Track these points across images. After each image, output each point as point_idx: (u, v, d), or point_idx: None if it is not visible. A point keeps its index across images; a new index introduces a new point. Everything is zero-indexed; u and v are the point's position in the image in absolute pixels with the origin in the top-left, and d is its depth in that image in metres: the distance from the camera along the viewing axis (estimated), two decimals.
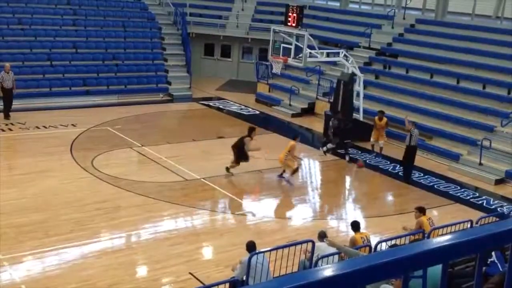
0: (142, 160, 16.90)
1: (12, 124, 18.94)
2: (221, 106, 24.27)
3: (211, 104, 24.50)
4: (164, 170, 16.01)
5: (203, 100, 24.89)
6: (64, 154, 16.59)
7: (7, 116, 19.51)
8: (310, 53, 19.76)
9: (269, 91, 25.91)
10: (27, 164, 15.56)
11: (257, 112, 23.80)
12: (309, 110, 23.70)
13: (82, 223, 12.31)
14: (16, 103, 20.56)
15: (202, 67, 29.65)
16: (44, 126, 19.18)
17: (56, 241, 11.39)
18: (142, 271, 10.92)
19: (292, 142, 15.81)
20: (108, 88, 23.80)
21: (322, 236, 10.18)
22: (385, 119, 18.79)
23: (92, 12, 26.24)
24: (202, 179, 15.45)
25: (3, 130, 18.30)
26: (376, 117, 18.94)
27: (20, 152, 16.44)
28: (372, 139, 18.86)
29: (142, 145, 17.91)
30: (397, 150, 19.16)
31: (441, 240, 2.02)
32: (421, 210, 11.21)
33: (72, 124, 19.52)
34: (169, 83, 25.28)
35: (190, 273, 10.54)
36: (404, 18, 25.90)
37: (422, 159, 17.99)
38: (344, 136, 17.94)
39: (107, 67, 24.43)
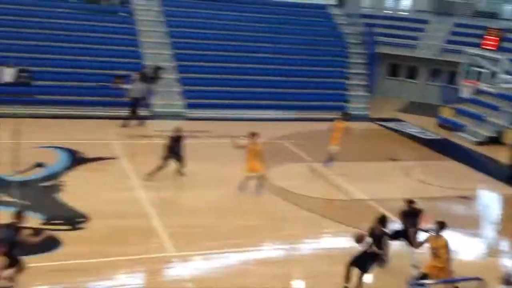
0: (311, 175, 17.25)
1: (198, 131, 20.52)
2: (398, 128, 23.76)
3: (387, 125, 24.08)
4: (331, 187, 16.20)
5: (379, 121, 24.60)
6: (243, 163, 17.52)
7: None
8: (506, 78, 18.67)
9: (454, 116, 24.70)
10: (207, 169, 16.64)
11: (437, 137, 22.85)
12: (496, 139, 22.15)
13: (249, 231, 12.95)
14: (205, 113, 22.54)
15: (384, 88, 29.26)
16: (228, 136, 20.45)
17: (223, 245, 12.09)
18: (296, 285, 11.17)
19: None
20: (289, 103, 24.67)
21: (507, 279, 9.19)
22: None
23: (285, 30, 27.39)
24: (369, 200, 15.32)
25: (191, 137, 19.88)
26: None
27: (201, 158, 17.56)
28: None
29: (313, 161, 18.29)
30: None
31: None
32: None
33: None
34: (347, 102, 25.43)
35: None
36: None
37: None
38: None
39: (292, 83, 25.34)
